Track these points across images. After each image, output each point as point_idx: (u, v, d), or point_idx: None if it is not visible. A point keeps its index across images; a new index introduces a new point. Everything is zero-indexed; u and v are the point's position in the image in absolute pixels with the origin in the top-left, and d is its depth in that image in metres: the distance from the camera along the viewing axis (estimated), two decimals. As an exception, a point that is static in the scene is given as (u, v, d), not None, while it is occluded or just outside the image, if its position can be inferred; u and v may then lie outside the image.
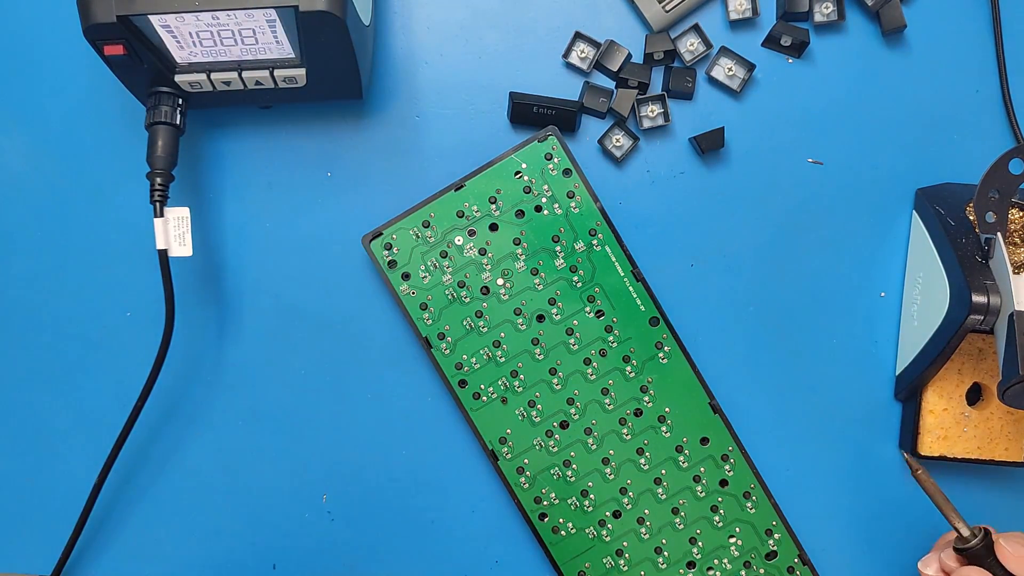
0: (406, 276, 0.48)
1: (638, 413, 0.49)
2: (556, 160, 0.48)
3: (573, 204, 0.48)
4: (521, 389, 0.48)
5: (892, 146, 0.51)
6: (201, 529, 0.50)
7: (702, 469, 0.49)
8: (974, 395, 0.49)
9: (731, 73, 0.50)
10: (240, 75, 0.44)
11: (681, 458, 0.49)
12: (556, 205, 0.48)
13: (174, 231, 0.45)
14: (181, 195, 0.49)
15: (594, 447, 0.49)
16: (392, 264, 0.48)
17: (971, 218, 0.47)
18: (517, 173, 0.48)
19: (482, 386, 0.48)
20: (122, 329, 0.50)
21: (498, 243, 0.48)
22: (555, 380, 0.48)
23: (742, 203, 0.51)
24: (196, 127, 0.50)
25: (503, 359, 0.48)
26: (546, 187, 0.48)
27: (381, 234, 0.48)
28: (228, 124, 0.50)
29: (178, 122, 0.45)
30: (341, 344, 0.50)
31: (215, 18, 0.41)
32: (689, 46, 0.49)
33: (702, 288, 0.50)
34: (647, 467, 0.49)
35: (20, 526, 0.51)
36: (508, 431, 0.48)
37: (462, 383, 0.48)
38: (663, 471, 0.49)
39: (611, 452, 0.49)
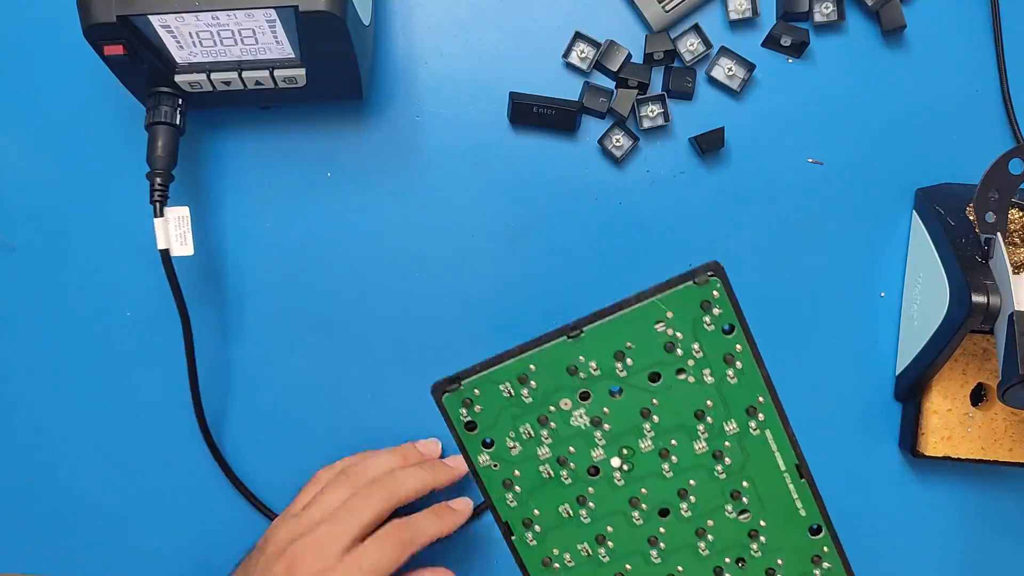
0: (488, 444, 0.38)
1: None
2: (716, 311, 0.37)
3: (730, 371, 0.37)
4: None
5: (892, 146, 0.51)
6: (201, 529, 0.50)
7: None
8: (978, 396, 0.49)
9: (731, 73, 0.50)
10: (240, 75, 0.44)
11: None
12: (707, 371, 0.37)
13: (174, 231, 0.45)
14: (181, 195, 0.49)
15: None
16: (471, 426, 0.38)
17: (971, 218, 0.47)
18: (659, 323, 0.37)
19: None
20: (122, 329, 0.50)
21: (619, 413, 0.38)
22: None
23: (742, 203, 0.51)
24: (196, 127, 0.50)
25: (607, 559, 0.39)
26: (696, 346, 0.37)
27: (460, 386, 0.38)
28: (228, 124, 0.50)
29: (178, 122, 0.45)
30: (341, 344, 0.50)
31: (215, 18, 0.41)
32: (689, 46, 0.49)
33: (702, 288, 0.50)
34: None
35: (20, 526, 0.51)
36: None
37: None
38: None
39: None
